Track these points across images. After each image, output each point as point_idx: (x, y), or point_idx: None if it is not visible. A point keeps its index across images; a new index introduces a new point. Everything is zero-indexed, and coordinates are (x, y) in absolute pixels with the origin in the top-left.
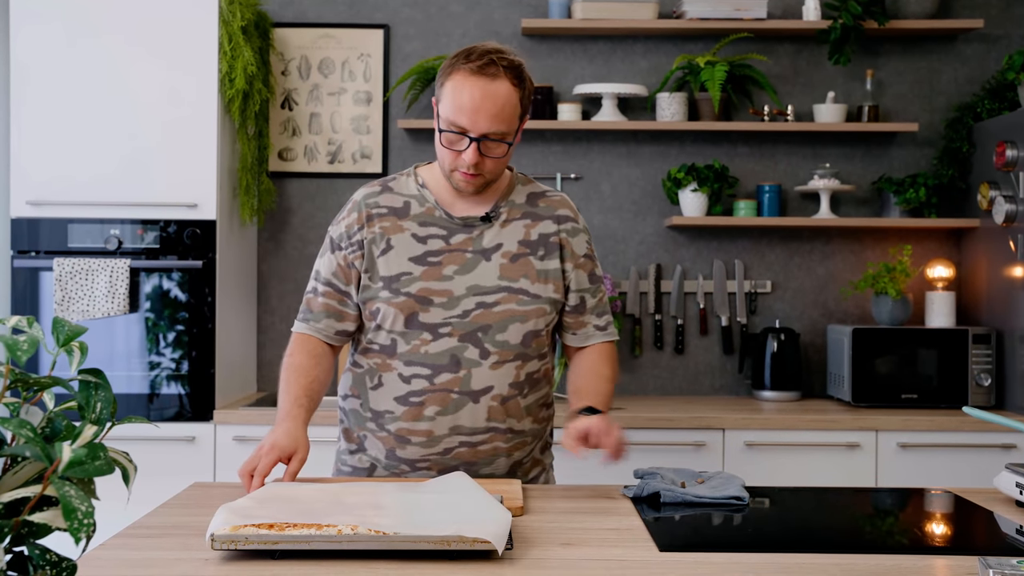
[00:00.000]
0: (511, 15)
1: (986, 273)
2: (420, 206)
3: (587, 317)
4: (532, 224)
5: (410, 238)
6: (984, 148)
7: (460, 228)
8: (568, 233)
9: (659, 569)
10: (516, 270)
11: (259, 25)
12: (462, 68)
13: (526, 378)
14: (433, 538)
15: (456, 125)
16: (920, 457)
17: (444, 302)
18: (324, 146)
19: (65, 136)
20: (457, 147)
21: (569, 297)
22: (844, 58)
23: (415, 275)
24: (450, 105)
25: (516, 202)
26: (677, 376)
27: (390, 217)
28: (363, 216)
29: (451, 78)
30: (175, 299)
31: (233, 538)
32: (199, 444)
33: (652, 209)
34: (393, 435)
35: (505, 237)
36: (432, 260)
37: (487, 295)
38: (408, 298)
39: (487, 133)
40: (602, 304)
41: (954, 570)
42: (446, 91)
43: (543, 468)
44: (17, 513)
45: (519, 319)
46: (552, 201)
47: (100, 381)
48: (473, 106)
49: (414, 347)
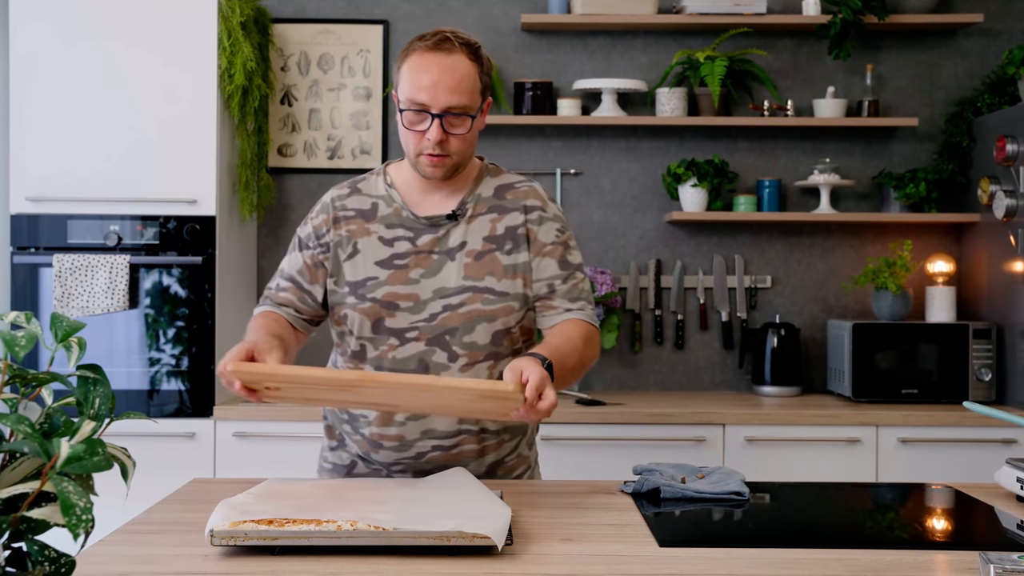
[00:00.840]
0: (510, 10)
1: (986, 268)
2: (387, 207)
3: (556, 301)
4: (498, 218)
5: (376, 241)
6: (984, 143)
7: (426, 228)
8: (535, 222)
9: (659, 564)
10: (481, 268)
11: (258, 21)
12: (417, 48)
13: (499, 377)
14: (433, 534)
15: (416, 103)
16: (920, 452)
17: (410, 306)
18: (324, 142)
19: (65, 132)
20: (420, 127)
21: (533, 287)
22: (844, 53)
23: (381, 280)
24: (408, 85)
25: (483, 196)
26: (677, 371)
27: (357, 220)
28: (331, 218)
29: (407, 60)
30: (175, 295)
31: (232, 534)
32: (199, 440)
33: (652, 204)
34: (367, 439)
35: (471, 234)
36: (398, 263)
37: (452, 296)
38: (374, 303)
39: (448, 107)
40: (577, 290)
41: (955, 565)
42: (403, 74)
43: (528, 465)
44: (15, 509)
45: (486, 319)
46: (519, 192)
47: (98, 377)
48: (431, 80)
49: (382, 352)
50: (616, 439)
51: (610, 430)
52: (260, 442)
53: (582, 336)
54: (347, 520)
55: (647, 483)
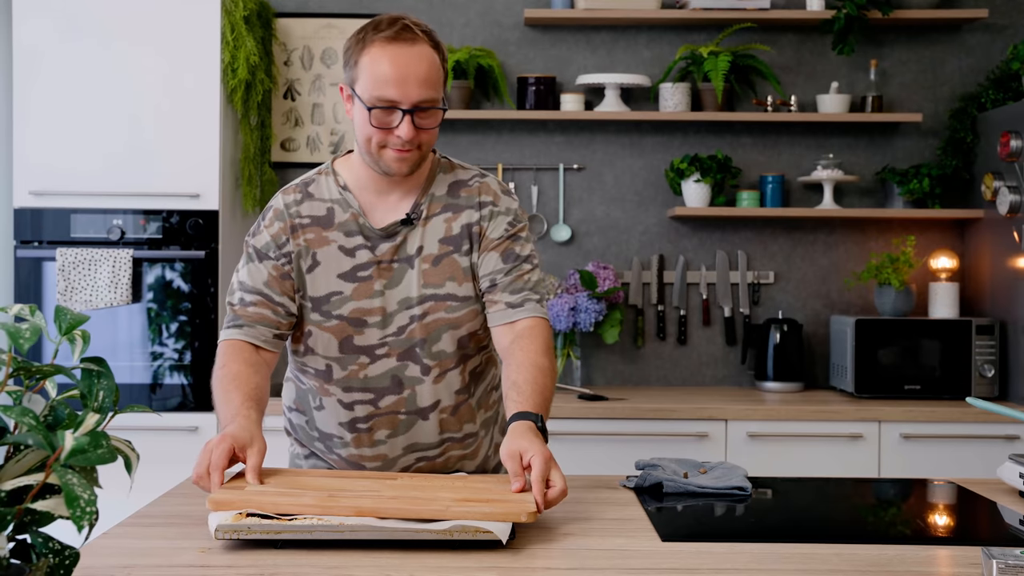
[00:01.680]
0: (514, 5)
1: (990, 264)
2: (344, 212)
3: (497, 295)
4: (453, 217)
5: (337, 251)
6: (988, 138)
7: (383, 237)
8: (486, 219)
9: (661, 559)
10: (440, 274)
11: (261, 15)
12: (376, 39)
13: (471, 376)
14: (435, 529)
15: (384, 99)
16: (923, 448)
17: (378, 321)
18: (327, 136)
19: (68, 126)
20: (388, 124)
21: (481, 282)
22: (848, 48)
23: (346, 294)
24: (372, 79)
25: (436, 195)
26: (680, 367)
27: (314, 228)
28: (287, 226)
29: (366, 52)
30: (178, 289)
31: (236, 528)
32: (202, 434)
33: (655, 200)
34: (344, 460)
35: (427, 238)
36: (362, 275)
37: (415, 307)
38: (340, 321)
39: (419, 102)
40: (521, 281)
41: (957, 561)
42: (363, 67)
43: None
44: (20, 501)
45: (451, 327)
46: (472, 189)
47: (102, 370)
48: (399, 75)
49: (351, 372)
50: (618, 434)
51: (612, 425)
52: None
53: (543, 350)
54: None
55: (649, 478)
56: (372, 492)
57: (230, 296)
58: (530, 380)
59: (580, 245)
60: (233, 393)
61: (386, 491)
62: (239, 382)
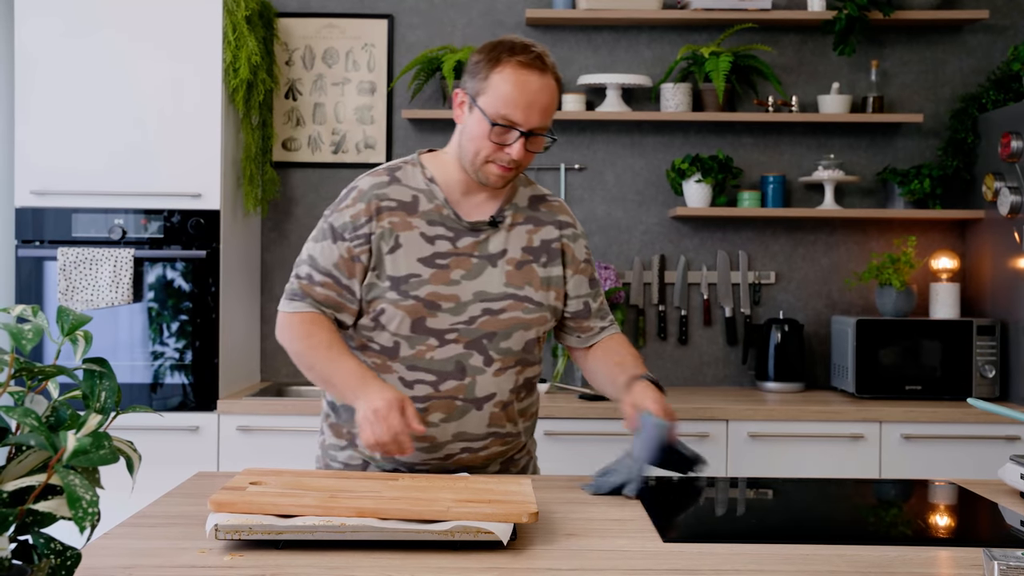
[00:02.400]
0: (515, 5)
1: (991, 264)
2: (428, 202)
3: (592, 321)
4: (535, 230)
5: (419, 237)
6: (989, 139)
7: (467, 231)
8: (569, 239)
9: (663, 559)
10: (521, 277)
11: (263, 15)
12: (510, 61)
13: (524, 383)
14: (436, 530)
15: (507, 119)
16: (924, 449)
17: (452, 307)
18: (328, 136)
19: (69, 126)
20: (504, 140)
21: (569, 303)
22: (849, 49)
23: (424, 278)
24: (500, 98)
25: (519, 205)
26: (681, 367)
27: (399, 212)
28: (371, 208)
29: (498, 71)
30: (179, 289)
31: (237, 528)
32: (203, 434)
33: (656, 200)
34: None
35: (511, 243)
36: (440, 263)
37: (493, 302)
38: (416, 302)
39: (535, 128)
40: (604, 307)
41: (958, 562)
42: (493, 84)
43: (530, 457)
44: (22, 502)
45: (523, 327)
46: (552, 206)
47: (105, 370)
48: (528, 100)
49: (419, 352)
50: (619, 434)
51: (613, 425)
52: (263, 436)
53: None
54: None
55: (606, 485)
56: (373, 493)
57: (298, 267)
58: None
59: None
60: (344, 359)
61: (387, 492)
62: (341, 348)
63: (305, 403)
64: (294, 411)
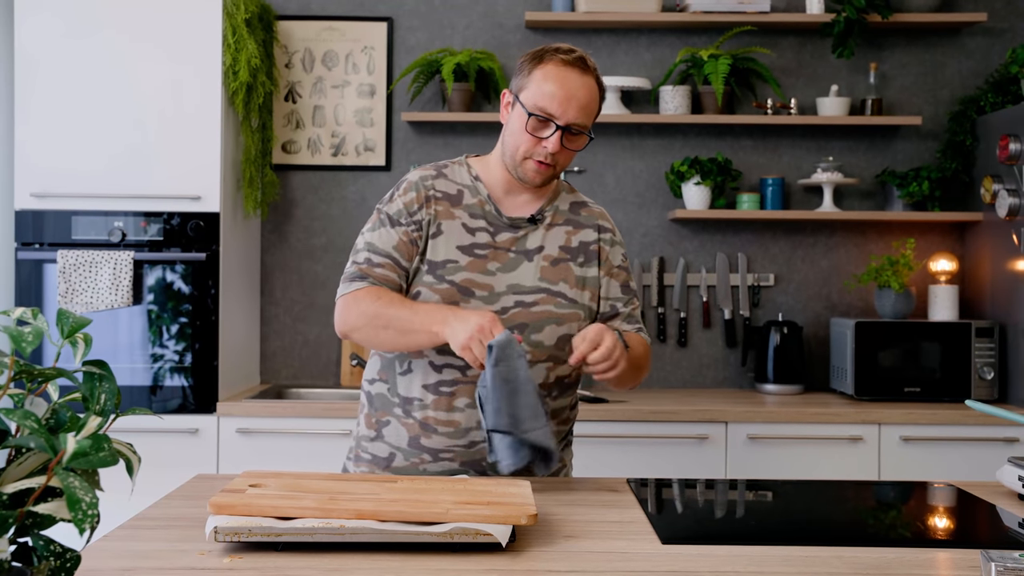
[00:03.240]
0: (515, 7)
1: (989, 267)
2: (472, 197)
3: (617, 323)
4: (574, 231)
5: (460, 227)
6: (987, 142)
7: (507, 227)
8: (607, 243)
9: (662, 561)
10: (556, 274)
11: (263, 18)
12: (554, 58)
13: (556, 381)
14: (435, 532)
15: (545, 111)
16: (923, 451)
17: (485, 296)
18: (328, 139)
19: (69, 128)
20: (541, 133)
21: (601, 304)
22: (848, 51)
23: (461, 264)
24: (539, 91)
25: (560, 208)
26: (680, 369)
27: (444, 202)
28: (422, 196)
29: (541, 67)
30: (178, 291)
31: (236, 530)
32: (202, 436)
33: (655, 202)
34: (419, 423)
35: (548, 241)
36: (479, 253)
37: (526, 295)
38: (451, 286)
39: (573, 123)
40: (635, 315)
41: (956, 563)
42: (535, 79)
43: (564, 466)
44: (22, 504)
45: (555, 321)
46: (593, 211)
47: (104, 373)
48: (566, 94)
49: None
50: (619, 436)
51: (613, 427)
52: (263, 438)
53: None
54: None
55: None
56: (372, 495)
57: (355, 255)
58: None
59: None
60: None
61: (386, 494)
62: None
63: (305, 405)
64: (293, 413)
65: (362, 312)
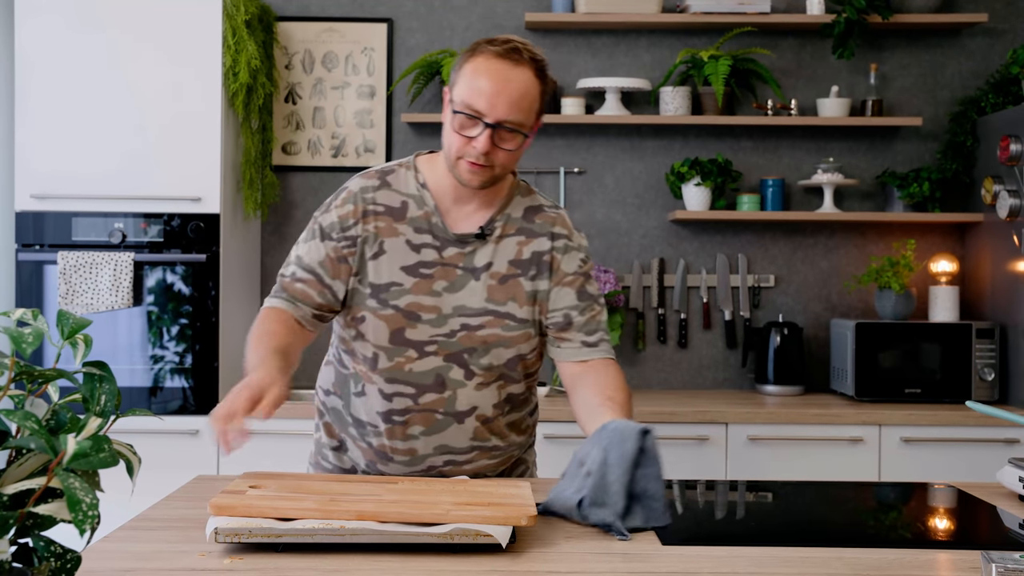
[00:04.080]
0: (514, 8)
1: (990, 267)
2: (418, 208)
3: (572, 334)
4: (526, 241)
5: (404, 245)
6: (988, 142)
7: (454, 242)
8: (560, 251)
9: (662, 562)
10: (504, 293)
11: (263, 19)
12: (485, 51)
13: (507, 398)
14: (436, 532)
15: (472, 108)
16: (923, 452)
17: (432, 319)
18: (328, 140)
19: (69, 130)
20: (469, 132)
21: (549, 316)
22: (848, 52)
23: (406, 287)
24: (467, 87)
25: (512, 216)
26: (680, 370)
27: (386, 217)
28: (359, 210)
29: (471, 61)
30: (179, 293)
31: (237, 531)
32: (202, 437)
33: (655, 203)
34: (375, 450)
35: (498, 256)
36: (424, 272)
37: (472, 317)
38: (396, 312)
39: (503, 120)
40: (594, 323)
41: (957, 564)
42: (464, 73)
43: (527, 466)
44: (22, 505)
45: (503, 344)
46: (548, 217)
47: (105, 374)
48: (493, 89)
49: (397, 364)
50: None
51: None
52: (262, 439)
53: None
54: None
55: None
56: (373, 496)
57: (284, 268)
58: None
59: None
60: (262, 346)
61: (387, 495)
62: (270, 337)
63: (304, 407)
64: (293, 415)
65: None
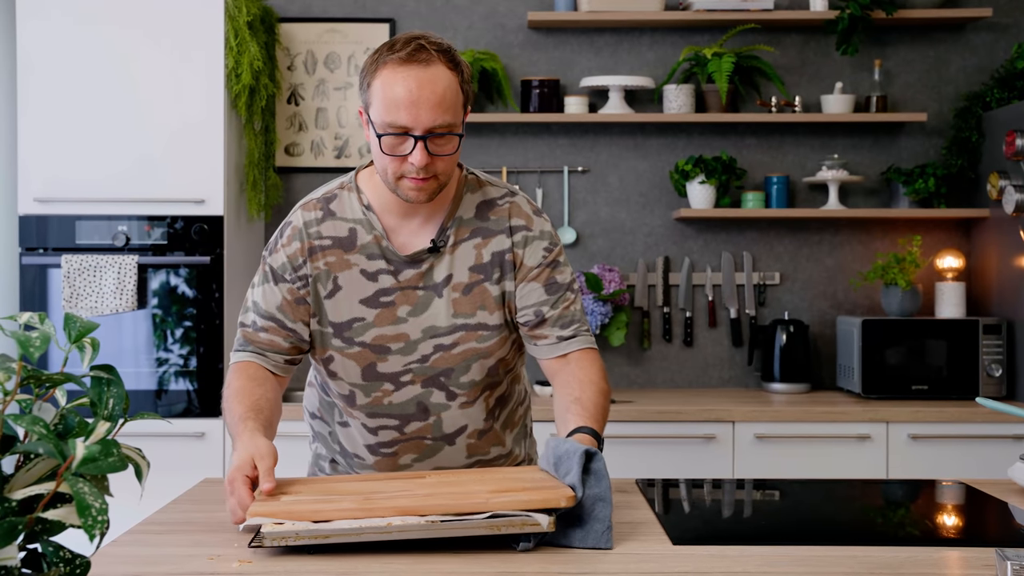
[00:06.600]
0: (517, 8)
1: (996, 263)
2: (367, 234)
3: (547, 330)
4: (483, 243)
5: (359, 276)
6: (993, 137)
7: (408, 263)
8: (520, 245)
9: (673, 562)
10: (471, 303)
11: (265, 20)
12: (388, 61)
13: (497, 402)
14: (482, 523)
15: (395, 125)
16: (931, 449)
17: (401, 347)
18: (331, 141)
19: (72, 133)
20: (401, 151)
21: (518, 315)
22: (852, 48)
23: (368, 321)
24: (383, 105)
25: (464, 218)
26: (686, 369)
27: (335, 250)
28: (305, 248)
29: (378, 75)
30: (183, 295)
31: (284, 535)
32: (208, 440)
33: (660, 201)
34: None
35: (456, 266)
36: (385, 300)
37: (444, 336)
38: (363, 348)
39: (432, 127)
40: (569, 313)
41: (970, 562)
42: (375, 91)
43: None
44: (31, 510)
45: (481, 356)
46: (502, 211)
47: (112, 377)
48: (411, 99)
49: (375, 399)
50: (625, 437)
51: (619, 428)
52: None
53: (603, 375)
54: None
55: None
56: (406, 492)
57: (243, 315)
58: (593, 399)
59: (585, 247)
60: (235, 408)
61: (419, 489)
62: (240, 396)
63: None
64: (298, 417)
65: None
